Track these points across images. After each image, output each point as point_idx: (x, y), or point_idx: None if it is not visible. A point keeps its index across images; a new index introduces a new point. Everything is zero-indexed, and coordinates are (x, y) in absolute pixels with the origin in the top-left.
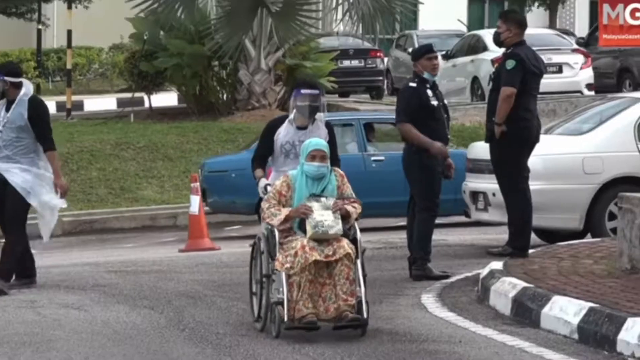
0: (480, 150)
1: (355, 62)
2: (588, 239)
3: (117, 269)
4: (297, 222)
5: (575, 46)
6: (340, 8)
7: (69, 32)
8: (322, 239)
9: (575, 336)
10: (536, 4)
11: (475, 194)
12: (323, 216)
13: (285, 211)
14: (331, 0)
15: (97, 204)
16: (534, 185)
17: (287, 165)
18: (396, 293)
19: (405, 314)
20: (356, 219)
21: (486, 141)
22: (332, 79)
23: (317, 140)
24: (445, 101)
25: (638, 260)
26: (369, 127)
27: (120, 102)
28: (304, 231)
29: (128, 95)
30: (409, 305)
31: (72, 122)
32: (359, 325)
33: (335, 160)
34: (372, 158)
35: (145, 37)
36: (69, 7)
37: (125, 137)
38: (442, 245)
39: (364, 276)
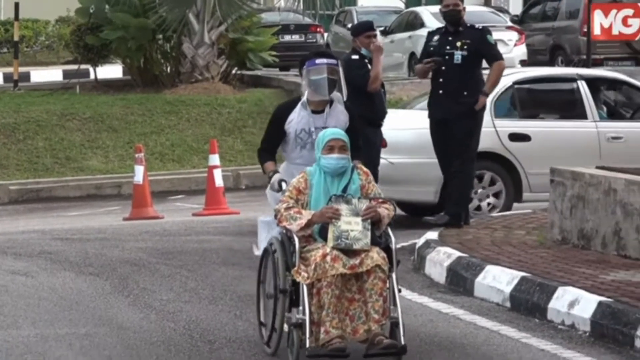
0: None
1: (296, 37)
2: (520, 210)
3: (63, 236)
4: (318, 227)
5: (510, 23)
6: None
7: (17, 5)
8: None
9: (508, 304)
10: None
11: None
12: (350, 225)
13: (307, 214)
14: None
15: (43, 173)
16: (396, 159)
17: (302, 157)
18: None
19: None
20: (389, 224)
21: (443, 118)
22: (274, 53)
23: (334, 130)
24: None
25: (569, 231)
26: None
27: (66, 74)
28: (325, 239)
29: (74, 67)
30: None
31: (19, 93)
32: (396, 352)
33: (357, 149)
34: None
35: (91, 11)
36: None
37: (71, 108)
38: None
39: (399, 292)
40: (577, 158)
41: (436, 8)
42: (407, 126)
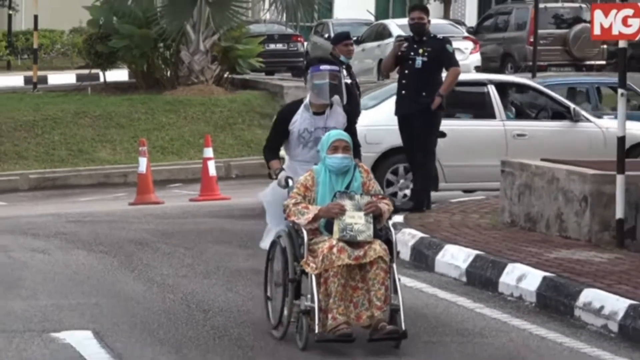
0: None
1: (279, 46)
2: (476, 196)
3: (76, 219)
4: (324, 221)
5: (466, 34)
6: None
7: (36, 17)
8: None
9: (464, 279)
10: None
11: None
12: (353, 218)
13: (313, 209)
14: None
15: (58, 164)
16: None
17: (303, 154)
18: None
19: None
20: (388, 218)
21: (406, 115)
22: (260, 59)
23: (337, 131)
24: (357, 79)
25: (517, 215)
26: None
27: (79, 77)
28: (331, 232)
29: (86, 71)
30: None
31: (38, 94)
32: (397, 337)
33: (356, 147)
34: None
35: (100, 22)
36: None
37: (83, 107)
38: None
39: (399, 281)
40: (486, 153)
41: (402, 20)
42: None
